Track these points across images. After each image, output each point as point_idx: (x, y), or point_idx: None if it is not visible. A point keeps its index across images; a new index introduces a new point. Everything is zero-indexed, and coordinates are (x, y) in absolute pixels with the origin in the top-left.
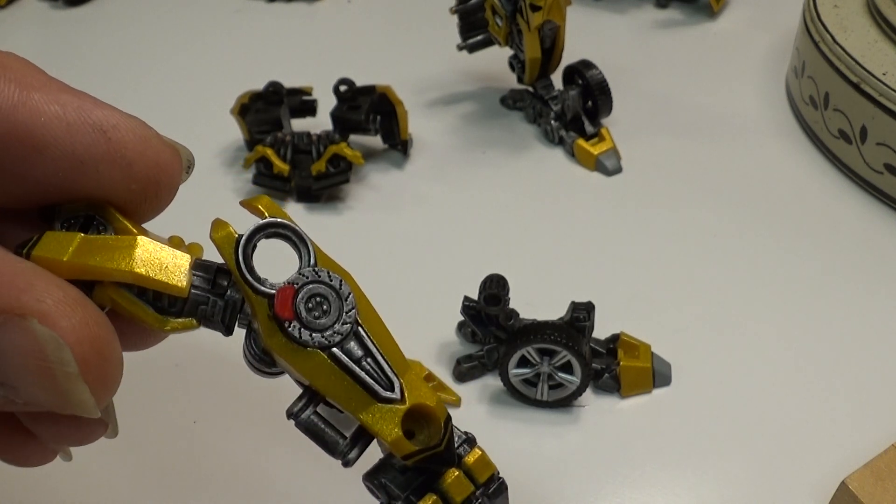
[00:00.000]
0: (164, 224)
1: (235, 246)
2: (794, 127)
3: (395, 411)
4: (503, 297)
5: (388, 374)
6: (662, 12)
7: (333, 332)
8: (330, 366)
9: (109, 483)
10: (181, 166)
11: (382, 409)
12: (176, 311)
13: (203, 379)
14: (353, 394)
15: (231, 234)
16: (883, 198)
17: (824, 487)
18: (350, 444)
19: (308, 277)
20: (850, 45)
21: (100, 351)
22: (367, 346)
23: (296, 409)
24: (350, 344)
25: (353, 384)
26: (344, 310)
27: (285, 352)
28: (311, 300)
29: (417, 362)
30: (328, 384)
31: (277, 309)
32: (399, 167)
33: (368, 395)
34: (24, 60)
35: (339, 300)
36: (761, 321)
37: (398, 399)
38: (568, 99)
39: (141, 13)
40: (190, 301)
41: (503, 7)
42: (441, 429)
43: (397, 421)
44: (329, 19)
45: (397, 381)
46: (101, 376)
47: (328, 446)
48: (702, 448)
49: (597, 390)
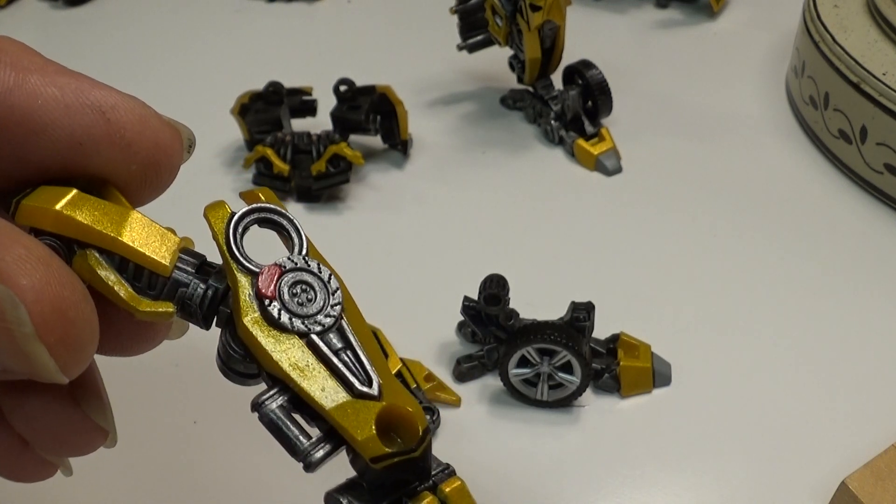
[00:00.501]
0: (165, 221)
1: (227, 221)
2: (794, 127)
3: (370, 408)
4: (503, 297)
5: (367, 369)
6: (662, 12)
7: (315, 321)
8: (305, 353)
9: (109, 483)
10: (182, 146)
11: (356, 405)
12: (154, 295)
13: (203, 379)
14: (326, 386)
15: (226, 210)
16: (883, 198)
17: (824, 487)
18: (314, 444)
19: (297, 264)
20: (850, 45)
21: (62, 312)
22: (349, 340)
23: (261, 399)
24: (330, 335)
25: (327, 375)
26: (329, 302)
27: (260, 333)
28: (297, 286)
29: (417, 362)
30: (300, 374)
31: (261, 286)
32: (399, 167)
33: (343, 389)
34: (19, 44)
35: (325, 292)
36: (761, 321)
37: (375, 396)
38: (568, 99)
39: (141, 13)
40: (171, 282)
41: (503, 7)
42: (419, 435)
43: (371, 419)
44: (329, 19)
45: (376, 378)
46: (63, 339)
47: (290, 443)
48: (702, 448)
49: (597, 390)
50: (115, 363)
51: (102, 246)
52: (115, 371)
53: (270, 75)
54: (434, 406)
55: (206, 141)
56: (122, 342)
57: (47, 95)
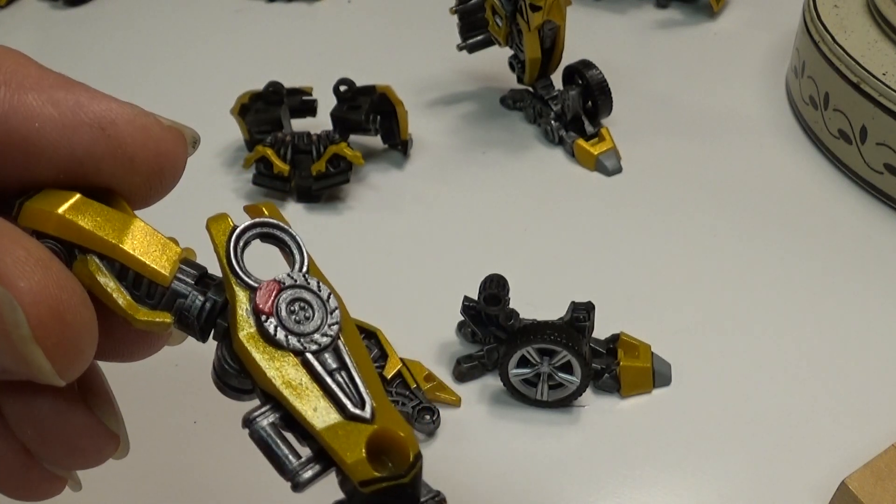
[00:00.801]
0: (164, 221)
1: (229, 234)
2: (794, 127)
3: (361, 431)
4: (503, 297)
5: (361, 391)
6: (662, 12)
7: (311, 340)
8: (299, 371)
9: (109, 483)
10: (185, 150)
11: (347, 427)
12: (153, 304)
13: (203, 379)
14: (319, 406)
15: (228, 223)
16: (883, 198)
17: (824, 487)
18: (303, 464)
19: (296, 281)
20: (850, 45)
21: (59, 315)
22: (344, 361)
23: (252, 415)
24: (326, 355)
25: (320, 395)
26: (327, 322)
27: (255, 349)
28: (295, 303)
29: (417, 362)
30: (293, 392)
31: (258, 301)
32: (399, 167)
33: (335, 410)
34: (14, 53)
35: (323, 311)
36: (761, 321)
37: (367, 419)
38: (568, 99)
39: (141, 13)
40: (170, 292)
41: (503, 7)
42: (409, 460)
43: (362, 441)
44: (329, 19)
45: (370, 401)
46: (60, 342)
47: (278, 461)
48: (702, 448)
49: (597, 390)
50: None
51: (103, 252)
52: (115, 371)
53: (270, 75)
54: (434, 406)
55: (207, 141)
56: (121, 348)
57: (45, 117)
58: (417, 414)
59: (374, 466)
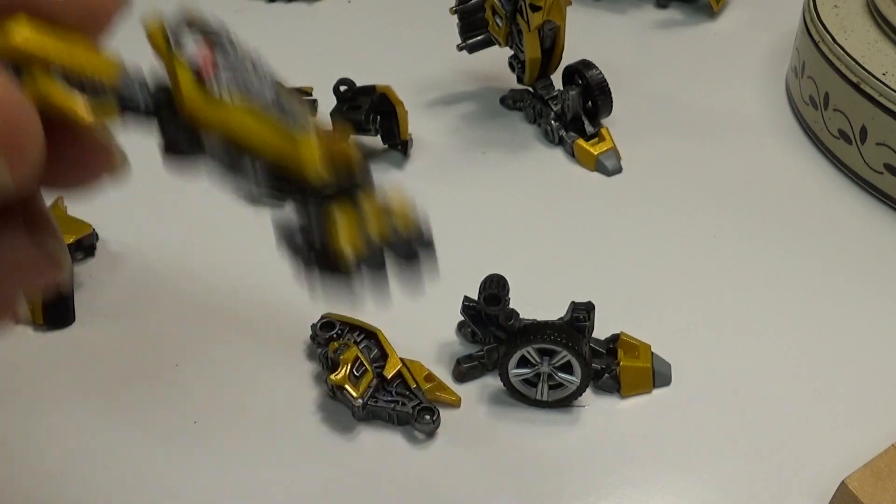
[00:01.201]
0: (164, 217)
1: (163, 25)
2: (794, 127)
3: (313, 143)
4: (503, 297)
5: (303, 114)
6: (662, 12)
7: (255, 92)
8: (246, 110)
9: (109, 483)
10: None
11: (299, 141)
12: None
13: (203, 379)
14: (273, 132)
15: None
16: (883, 198)
17: (824, 487)
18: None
19: (229, 51)
20: (850, 45)
21: (13, 117)
22: (281, 99)
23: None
24: (266, 92)
25: (271, 125)
26: (265, 82)
27: (204, 103)
28: (233, 68)
29: (417, 362)
30: (245, 127)
31: (200, 62)
32: (399, 167)
33: (285, 134)
34: None
35: (258, 73)
36: (761, 321)
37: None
38: (568, 99)
39: (140, 14)
40: (113, 90)
41: (503, 7)
42: (358, 159)
43: (315, 148)
44: (329, 19)
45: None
46: (10, 143)
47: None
48: (702, 448)
49: (597, 390)
50: (114, 363)
51: (51, 61)
52: (115, 371)
53: None
54: (434, 406)
55: None
56: (65, 167)
57: None
58: (417, 414)
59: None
